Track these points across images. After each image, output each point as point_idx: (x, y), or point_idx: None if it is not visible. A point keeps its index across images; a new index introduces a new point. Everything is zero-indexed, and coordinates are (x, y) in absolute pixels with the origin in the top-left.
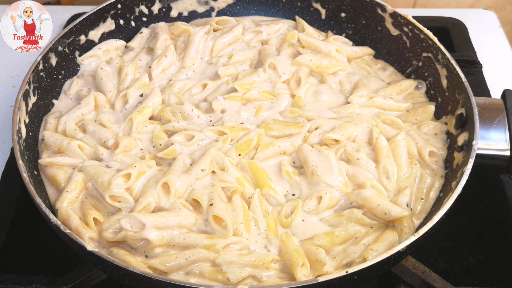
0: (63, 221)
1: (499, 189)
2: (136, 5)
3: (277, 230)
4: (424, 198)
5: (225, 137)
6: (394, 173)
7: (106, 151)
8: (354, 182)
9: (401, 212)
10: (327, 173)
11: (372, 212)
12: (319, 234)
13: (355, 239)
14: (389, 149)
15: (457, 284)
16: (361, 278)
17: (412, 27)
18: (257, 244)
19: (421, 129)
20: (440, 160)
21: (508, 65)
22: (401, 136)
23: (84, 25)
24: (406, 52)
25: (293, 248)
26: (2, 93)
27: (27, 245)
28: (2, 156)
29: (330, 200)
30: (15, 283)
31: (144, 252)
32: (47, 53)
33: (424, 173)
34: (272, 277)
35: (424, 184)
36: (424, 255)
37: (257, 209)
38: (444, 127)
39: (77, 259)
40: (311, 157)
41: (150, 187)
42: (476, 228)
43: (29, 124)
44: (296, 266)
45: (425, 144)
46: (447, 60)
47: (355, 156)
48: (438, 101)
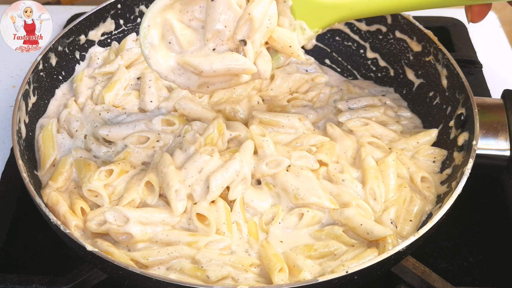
0: (51, 205)
1: (499, 189)
2: (136, 5)
3: (258, 235)
4: (412, 220)
5: (186, 128)
6: (382, 194)
7: (96, 142)
8: (339, 201)
9: (384, 232)
10: (311, 193)
11: (355, 232)
12: (299, 245)
13: (334, 255)
14: (377, 170)
15: (457, 284)
16: (361, 278)
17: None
18: (238, 247)
19: (420, 153)
20: (432, 186)
21: (508, 65)
22: (392, 157)
23: (84, 25)
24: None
25: (273, 253)
26: (2, 93)
27: (27, 245)
28: (2, 156)
29: (312, 218)
30: (15, 283)
31: (126, 247)
32: (47, 53)
33: (414, 196)
34: (250, 279)
35: (414, 207)
36: (424, 255)
37: (239, 214)
38: (444, 154)
39: (77, 259)
40: (289, 181)
41: (134, 184)
42: (476, 228)
43: (29, 124)
44: (274, 270)
45: (416, 169)
46: (447, 60)
47: (339, 177)
48: (438, 101)
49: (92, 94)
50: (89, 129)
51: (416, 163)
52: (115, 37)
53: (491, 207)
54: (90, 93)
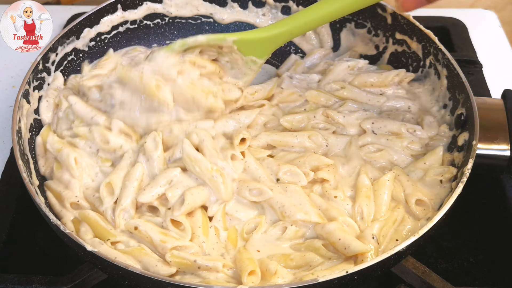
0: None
1: (499, 189)
2: (136, 5)
3: (236, 242)
4: (399, 240)
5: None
6: (370, 214)
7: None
8: (327, 216)
9: (361, 248)
10: (297, 209)
11: (334, 246)
12: (276, 254)
13: (309, 266)
14: (370, 189)
15: (457, 284)
16: (361, 278)
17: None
18: (213, 251)
19: (428, 175)
20: (429, 210)
21: (508, 65)
22: (388, 177)
23: (84, 25)
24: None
25: (247, 257)
26: (2, 93)
27: (27, 245)
28: (2, 156)
29: (295, 232)
30: (15, 283)
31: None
32: (47, 53)
33: (406, 217)
34: (220, 279)
35: (404, 228)
36: (424, 255)
37: (219, 222)
38: (453, 171)
39: (77, 259)
40: (275, 199)
41: None
42: (476, 228)
43: (29, 124)
44: (245, 271)
45: (413, 191)
46: (447, 60)
47: (332, 193)
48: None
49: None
50: None
51: (414, 185)
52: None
53: (491, 207)
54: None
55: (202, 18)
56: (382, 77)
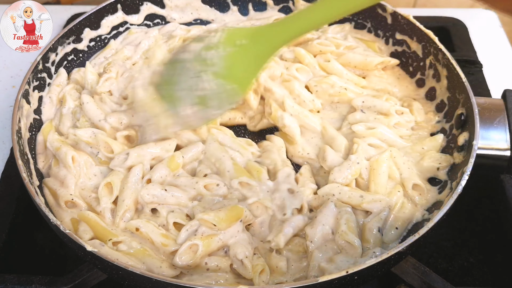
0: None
1: (499, 189)
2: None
3: None
4: (398, 228)
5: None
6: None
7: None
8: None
9: None
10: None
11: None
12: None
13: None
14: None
15: (458, 284)
16: (361, 278)
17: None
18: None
19: (425, 160)
20: (424, 194)
21: (508, 65)
22: (385, 156)
23: (84, 25)
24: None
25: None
26: (2, 93)
27: (27, 245)
28: (2, 156)
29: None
30: (15, 283)
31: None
32: (47, 53)
33: (405, 202)
34: (230, 279)
35: (403, 214)
36: (424, 255)
37: None
38: (450, 160)
39: (77, 259)
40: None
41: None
42: (476, 228)
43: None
44: (255, 272)
45: (409, 176)
46: (448, 60)
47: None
48: (438, 101)
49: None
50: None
51: (411, 168)
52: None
53: (491, 207)
54: None
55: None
56: (367, 62)
